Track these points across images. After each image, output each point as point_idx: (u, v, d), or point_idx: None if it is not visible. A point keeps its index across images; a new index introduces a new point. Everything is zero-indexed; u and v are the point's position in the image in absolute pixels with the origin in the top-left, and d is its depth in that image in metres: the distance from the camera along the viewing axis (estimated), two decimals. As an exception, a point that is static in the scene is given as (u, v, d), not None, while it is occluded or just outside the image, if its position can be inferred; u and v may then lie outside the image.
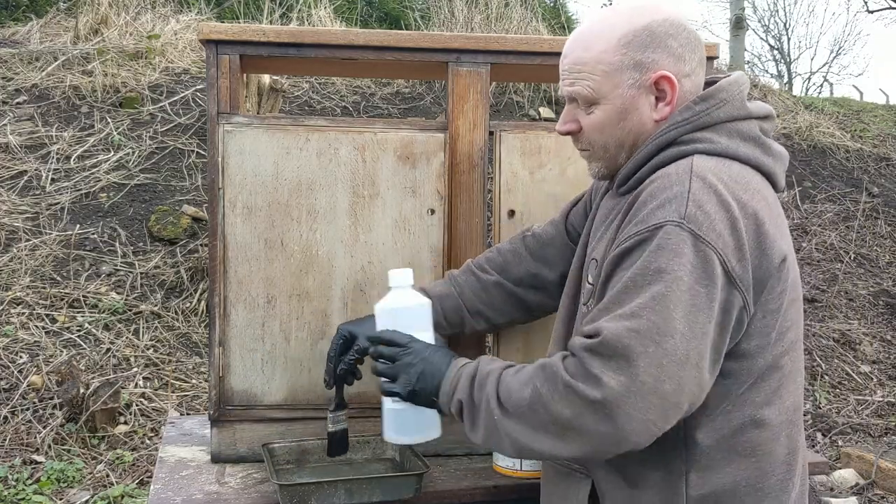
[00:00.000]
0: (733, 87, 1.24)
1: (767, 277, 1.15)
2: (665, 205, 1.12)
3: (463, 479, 1.63)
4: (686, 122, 1.21)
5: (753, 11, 22.38)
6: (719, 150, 1.20)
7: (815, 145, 7.12)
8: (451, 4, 6.99)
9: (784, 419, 1.21)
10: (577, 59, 1.25)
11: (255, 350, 1.68)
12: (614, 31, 1.23)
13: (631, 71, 1.22)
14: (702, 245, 1.08)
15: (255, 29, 1.70)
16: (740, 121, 1.23)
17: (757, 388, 1.18)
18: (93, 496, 3.12)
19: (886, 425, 4.39)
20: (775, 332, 1.18)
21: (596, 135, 1.27)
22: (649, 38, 1.22)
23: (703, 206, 1.10)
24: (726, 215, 1.11)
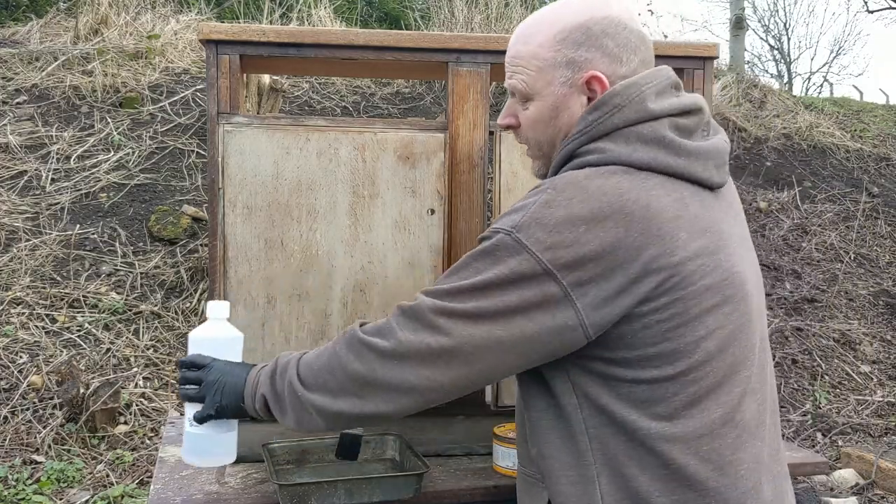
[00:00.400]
0: (630, 90, 1.18)
1: (625, 292, 1.10)
2: (511, 212, 1.15)
3: (463, 479, 1.63)
4: (581, 134, 1.19)
5: (753, 11, 22.40)
6: (611, 159, 1.16)
7: (815, 145, 7.12)
8: (451, 4, 6.99)
9: (705, 433, 1.13)
10: (516, 53, 1.25)
11: (255, 350, 1.68)
12: (552, 27, 1.21)
13: (563, 69, 1.21)
14: (525, 255, 1.10)
15: (255, 29, 1.70)
16: (641, 124, 1.18)
17: (662, 399, 1.13)
18: (93, 496, 3.12)
19: (886, 425, 4.39)
20: (677, 343, 1.12)
21: (530, 131, 1.27)
22: (584, 36, 1.20)
23: (542, 219, 1.10)
24: (568, 230, 1.10)
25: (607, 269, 1.09)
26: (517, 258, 1.10)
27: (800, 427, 4.33)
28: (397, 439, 1.70)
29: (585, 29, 1.20)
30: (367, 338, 1.17)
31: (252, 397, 1.28)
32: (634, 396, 1.13)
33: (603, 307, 1.10)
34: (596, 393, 1.15)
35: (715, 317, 1.13)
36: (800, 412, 4.45)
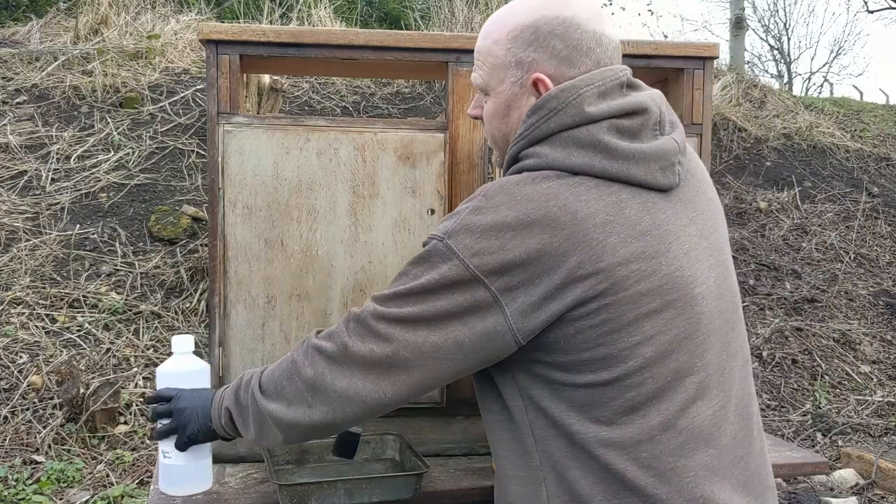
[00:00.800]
0: (567, 94, 1.16)
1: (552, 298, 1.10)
2: (446, 219, 1.17)
3: (463, 479, 1.63)
4: (521, 138, 1.20)
5: (753, 11, 22.40)
6: (545, 164, 1.16)
7: (815, 145, 7.12)
8: (451, 4, 6.98)
9: (644, 438, 1.12)
10: (478, 47, 1.27)
11: (255, 350, 1.68)
12: (506, 25, 1.22)
13: (514, 68, 1.22)
14: (455, 261, 1.11)
15: (255, 29, 1.70)
16: (578, 128, 1.16)
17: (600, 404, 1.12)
18: (93, 496, 3.12)
19: (886, 425, 4.39)
20: (610, 348, 1.11)
21: (488, 124, 1.30)
22: (533, 36, 1.19)
23: (470, 225, 1.12)
24: (495, 235, 1.10)
25: (533, 274, 1.09)
26: (448, 264, 1.12)
27: (800, 427, 4.33)
28: (397, 439, 1.70)
29: (535, 29, 1.19)
30: (318, 342, 1.20)
31: (218, 414, 1.34)
32: (574, 400, 1.13)
33: (531, 313, 1.10)
34: (539, 396, 1.16)
35: (653, 322, 1.11)
36: (800, 412, 4.45)
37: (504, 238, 1.10)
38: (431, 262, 1.14)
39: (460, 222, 1.13)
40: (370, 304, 1.19)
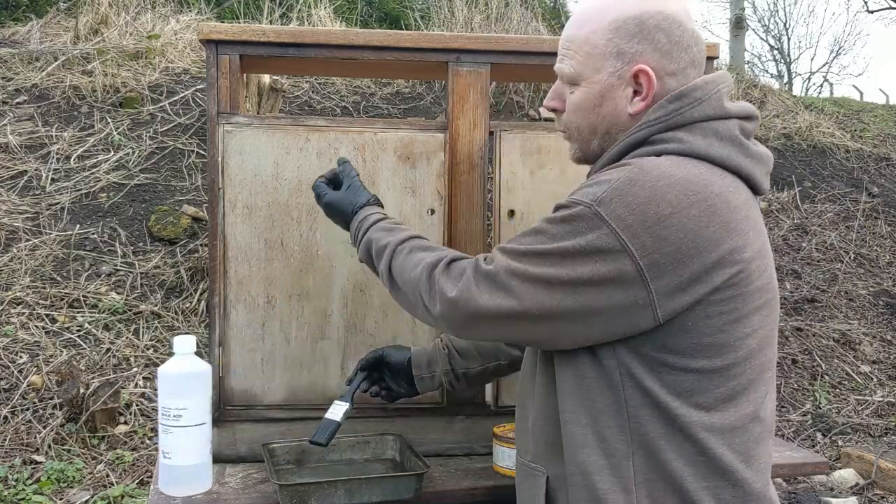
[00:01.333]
0: (710, 86, 1.21)
1: (710, 282, 1.12)
2: (592, 185, 1.15)
3: (463, 479, 1.63)
4: (658, 122, 1.19)
5: (753, 11, 22.39)
6: (689, 150, 1.17)
7: (815, 145, 7.12)
8: (451, 4, 6.98)
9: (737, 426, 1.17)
10: (569, 36, 1.25)
11: (255, 350, 1.68)
12: (607, 15, 1.22)
13: (614, 59, 1.21)
14: (605, 230, 1.11)
15: (255, 29, 1.70)
16: (717, 120, 1.20)
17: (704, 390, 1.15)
18: (93, 496, 3.12)
19: (886, 425, 4.39)
20: (724, 336, 1.15)
21: (572, 115, 1.27)
22: (637, 28, 1.20)
23: (627, 197, 1.11)
24: (651, 211, 1.10)
25: (686, 255, 1.11)
26: (596, 232, 1.11)
27: (800, 427, 4.33)
28: (397, 439, 1.70)
29: (640, 21, 1.20)
30: (444, 280, 1.22)
31: (354, 237, 1.47)
32: (678, 384, 1.16)
33: (676, 293, 1.12)
34: (641, 375, 1.16)
35: (759, 317, 1.18)
36: (800, 412, 4.45)
37: (662, 215, 1.10)
38: (575, 226, 1.13)
39: (613, 191, 1.12)
40: (501, 257, 1.18)
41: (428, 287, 1.24)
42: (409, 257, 1.31)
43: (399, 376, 1.59)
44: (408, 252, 1.32)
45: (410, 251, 1.32)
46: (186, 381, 1.50)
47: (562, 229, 1.14)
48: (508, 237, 1.72)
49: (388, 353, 1.59)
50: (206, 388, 1.52)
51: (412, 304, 1.29)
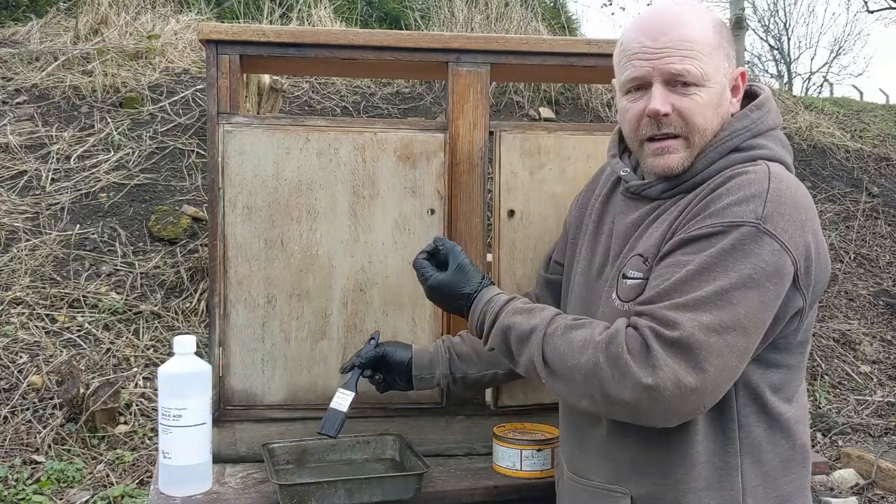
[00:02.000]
0: (771, 99, 1.28)
1: (822, 281, 1.20)
2: (743, 202, 1.12)
3: (463, 479, 1.63)
4: (746, 130, 1.23)
5: (753, 11, 22.36)
6: (775, 156, 1.23)
7: (815, 145, 7.12)
8: (451, 4, 6.98)
9: (803, 414, 1.27)
10: (684, 36, 1.19)
11: (255, 350, 1.68)
12: (706, 17, 1.23)
13: (724, 60, 1.24)
14: (777, 246, 1.10)
15: (255, 29, 1.70)
16: (777, 129, 1.27)
17: (790, 384, 1.24)
18: (93, 496, 3.12)
19: (886, 425, 4.39)
20: (809, 333, 1.24)
21: (699, 118, 1.21)
22: (728, 33, 1.25)
23: (780, 208, 1.12)
24: (799, 219, 1.13)
25: (814, 258, 1.16)
26: (768, 248, 1.10)
27: (800, 427, 4.32)
28: (397, 439, 1.70)
29: (726, 26, 1.25)
30: (631, 362, 1.08)
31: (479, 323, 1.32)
32: (775, 381, 1.21)
33: (810, 295, 1.17)
34: (755, 380, 1.19)
35: (814, 314, 1.25)
36: (800, 412, 4.45)
37: (801, 221, 1.14)
38: (747, 248, 1.09)
39: (770, 205, 1.11)
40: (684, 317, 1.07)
41: (611, 372, 1.10)
42: (566, 339, 1.17)
43: (397, 374, 1.58)
44: (561, 333, 1.19)
45: (564, 331, 1.19)
46: (186, 381, 1.50)
47: (734, 257, 1.09)
48: (507, 237, 1.73)
49: (388, 352, 1.57)
50: (206, 388, 1.52)
51: (579, 392, 1.15)
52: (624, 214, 1.32)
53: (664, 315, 1.09)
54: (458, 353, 1.58)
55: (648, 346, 1.08)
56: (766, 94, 1.28)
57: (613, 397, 1.10)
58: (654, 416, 1.09)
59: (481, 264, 1.77)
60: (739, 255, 1.09)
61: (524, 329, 1.23)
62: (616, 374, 1.09)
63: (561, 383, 1.18)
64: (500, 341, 1.27)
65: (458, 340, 1.60)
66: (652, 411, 1.08)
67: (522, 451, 1.60)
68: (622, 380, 1.08)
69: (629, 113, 1.25)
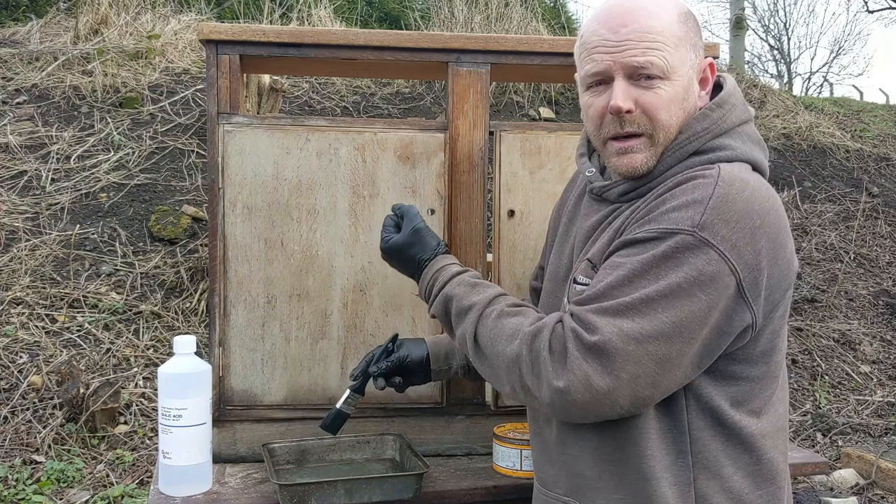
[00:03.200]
0: (736, 92, 1.21)
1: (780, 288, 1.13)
2: (683, 208, 1.07)
3: (463, 479, 1.63)
4: (706, 132, 1.17)
5: (753, 11, 22.37)
6: (738, 156, 1.16)
7: (815, 145, 7.11)
8: (451, 4, 6.98)
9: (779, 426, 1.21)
10: (647, 27, 1.13)
11: (255, 350, 1.68)
12: (671, 7, 1.17)
13: (690, 51, 1.17)
14: (714, 256, 1.05)
15: (255, 29, 1.70)
16: (745, 124, 1.20)
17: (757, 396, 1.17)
18: (93, 496, 3.12)
19: (886, 425, 4.39)
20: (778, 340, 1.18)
21: (663, 112, 1.15)
22: (695, 22, 1.19)
23: (723, 214, 1.06)
24: (748, 225, 1.07)
25: (769, 265, 1.09)
26: (703, 258, 1.05)
27: (800, 427, 4.33)
28: (397, 439, 1.70)
29: (694, 16, 1.19)
30: (549, 362, 1.09)
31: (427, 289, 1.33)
32: (737, 394, 1.16)
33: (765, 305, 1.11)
34: (708, 393, 1.14)
35: (785, 319, 1.19)
36: (800, 412, 4.45)
37: (754, 228, 1.07)
38: (680, 257, 1.05)
39: (711, 212, 1.05)
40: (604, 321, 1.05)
41: (531, 366, 1.10)
42: (499, 324, 1.17)
43: (416, 371, 1.53)
44: (496, 317, 1.18)
45: (499, 316, 1.18)
46: (186, 381, 1.50)
47: (665, 265, 1.05)
48: (507, 237, 1.73)
49: (404, 356, 1.51)
50: (206, 388, 1.52)
51: (501, 378, 1.15)
52: (586, 217, 1.29)
53: (588, 318, 1.07)
54: None
55: (566, 347, 1.07)
56: (728, 89, 1.20)
57: (531, 392, 1.11)
58: (569, 415, 1.11)
59: (481, 264, 1.76)
60: (672, 263, 1.05)
61: (464, 304, 1.23)
62: (535, 370, 1.10)
63: (486, 366, 1.19)
64: (441, 310, 1.29)
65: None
66: (566, 411, 1.09)
67: (522, 451, 1.60)
68: (538, 378, 1.10)
69: (591, 109, 1.19)
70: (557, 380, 1.07)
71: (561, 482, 1.25)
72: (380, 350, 1.53)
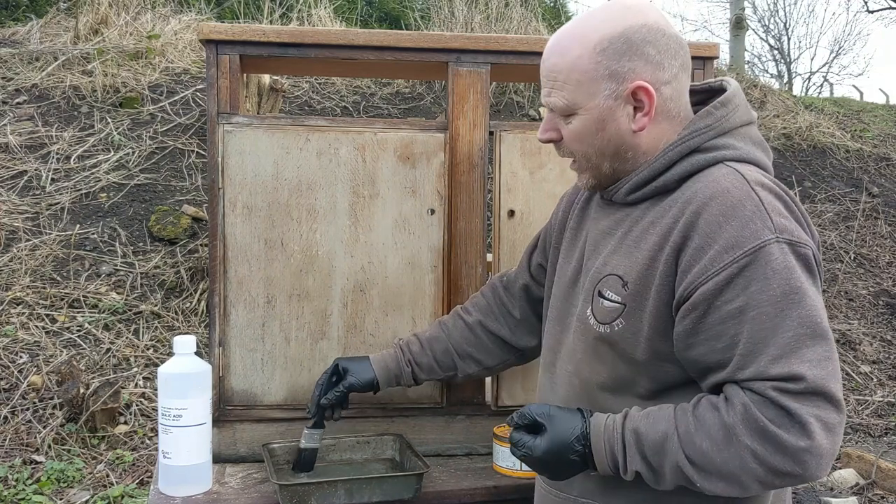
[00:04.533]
0: (739, 94, 1.24)
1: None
2: (748, 223, 1.10)
3: (463, 479, 1.63)
4: (708, 129, 1.20)
5: (753, 11, 22.37)
6: (742, 156, 1.20)
7: (815, 145, 7.12)
8: (451, 4, 6.98)
9: None
10: (553, 66, 1.21)
11: (255, 350, 1.68)
12: (590, 38, 1.18)
13: (607, 81, 1.18)
14: (801, 250, 1.12)
15: (255, 29, 1.70)
16: (748, 125, 1.24)
17: None
18: (93, 496, 3.12)
19: (886, 425, 4.39)
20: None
21: (575, 144, 1.24)
22: (625, 45, 1.17)
23: (781, 212, 1.13)
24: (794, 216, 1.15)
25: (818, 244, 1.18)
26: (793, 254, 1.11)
27: (800, 427, 4.32)
28: (397, 439, 1.70)
29: (626, 38, 1.18)
30: (780, 433, 1.06)
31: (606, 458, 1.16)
32: None
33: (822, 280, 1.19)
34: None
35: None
36: (800, 412, 4.45)
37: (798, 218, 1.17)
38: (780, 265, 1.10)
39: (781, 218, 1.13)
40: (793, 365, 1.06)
41: (764, 449, 1.06)
42: (699, 433, 1.10)
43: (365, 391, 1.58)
44: (695, 430, 1.11)
45: (696, 427, 1.11)
46: (186, 381, 1.50)
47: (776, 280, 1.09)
48: (508, 237, 1.73)
49: (353, 384, 1.54)
50: (206, 388, 1.52)
51: (741, 480, 1.08)
52: (597, 220, 1.31)
53: (777, 373, 1.07)
54: (418, 363, 1.58)
55: (785, 407, 1.06)
56: (732, 90, 1.23)
57: (779, 470, 1.06)
58: (820, 471, 1.07)
59: (481, 264, 1.77)
60: (784, 274, 1.09)
61: (655, 438, 1.13)
62: (770, 448, 1.06)
63: (717, 479, 1.10)
64: (643, 466, 1.14)
65: (417, 349, 1.58)
66: (819, 467, 1.06)
67: None
68: (778, 451, 1.06)
69: None
70: (800, 441, 1.05)
71: (575, 483, 1.25)
72: (325, 378, 1.57)
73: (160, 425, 1.51)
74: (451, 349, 1.58)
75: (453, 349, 1.58)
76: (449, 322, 1.61)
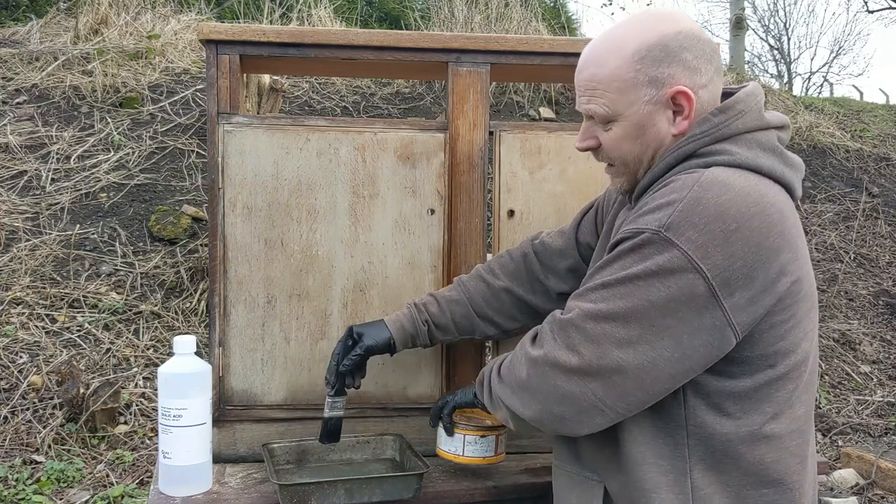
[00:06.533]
0: (750, 99, 1.24)
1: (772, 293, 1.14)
2: (654, 211, 1.15)
3: (463, 479, 1.63)
4: (704, 135, 1.21)
5: (753, 11, 22.39)
6: (739, 162, 1.19)
7: (815, 145, 7.12)
8: (451, 4, 6.98)
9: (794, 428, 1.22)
10: (591, 76, 1.25)
11: (255, 350, 1.68)
12: (627, 47, 1.22)
13: (646, 87, 1.21)
14: (677, 254, 1.10)
15: (255, 29, 1.70)
16: (759, 131, 1.23)
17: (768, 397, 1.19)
18: (93, 496, 3.12)
19: (886, 425, 4.39)
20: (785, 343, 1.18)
21: (615, 151, 1.27)
22: (663, 52, 1.21)
23: (693, 217, 1.11)
24: (722, 229, 1.11)
25: (752, 268, 1.12)
26: (666, 255, 1.11)
27: (800, 427, 4.32)
28: (397, 439, 1.70)
29: (663, 45, 1.21)
30: (527, 339, 1.24)
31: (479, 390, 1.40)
32: (743, 395, 1.18)
33: (748, 307, 1.13)
34: (706, 392, 1.18)
35: (809, 320, 1.22)
36: (800, 412, 4.45)
37: (728, 231, 1.11)
38: (643, 252, 1.13)
39: (679, 214, 1.12)
40: (573, 303, 1.19)
41: (517, 358, 1.26)
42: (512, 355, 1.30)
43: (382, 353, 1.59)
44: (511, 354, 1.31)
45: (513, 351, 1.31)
46: (186, 381, 1.50)
47: (628, 258, 1.14)
48: (508, 237, 1.73)
49: (370, 346, 1.55)
50: (206, 388, 1.52)
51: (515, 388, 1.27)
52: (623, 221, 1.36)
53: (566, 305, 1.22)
54: (436, 324, 1.59)
55: (542, 328, 1.24)
56: (739, 95, 1.24)
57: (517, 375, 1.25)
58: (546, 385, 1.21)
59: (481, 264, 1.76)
60: (634, 256, 1.14)
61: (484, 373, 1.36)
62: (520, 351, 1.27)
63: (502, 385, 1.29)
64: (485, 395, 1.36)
65: (435, 310, 1.59)
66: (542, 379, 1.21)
67: (466, 436, 1.58)
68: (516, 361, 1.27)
69: None
70: (533, 351, 1.21)
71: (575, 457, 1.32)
72: (340, 346, 1.57)
73: (160, 425, 1.51)
74: (471, 313, 1.59)
75: (474, 312, 1.59)
76: (470, 284, 1.61)
